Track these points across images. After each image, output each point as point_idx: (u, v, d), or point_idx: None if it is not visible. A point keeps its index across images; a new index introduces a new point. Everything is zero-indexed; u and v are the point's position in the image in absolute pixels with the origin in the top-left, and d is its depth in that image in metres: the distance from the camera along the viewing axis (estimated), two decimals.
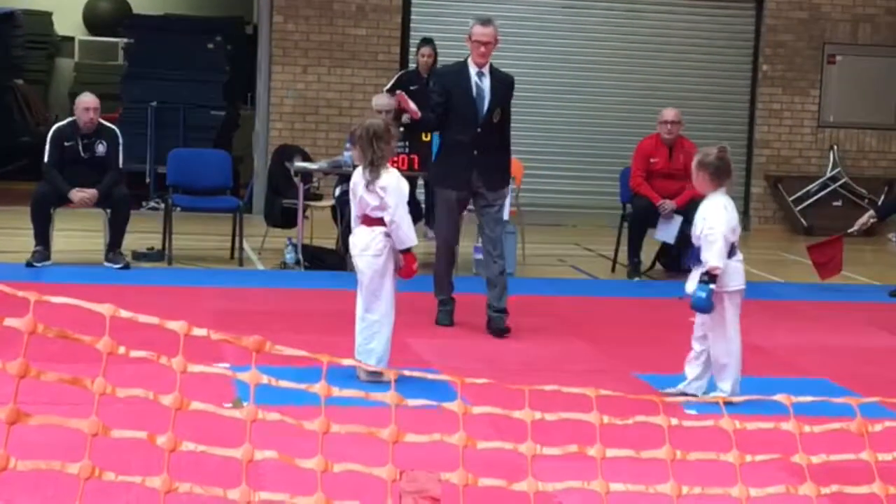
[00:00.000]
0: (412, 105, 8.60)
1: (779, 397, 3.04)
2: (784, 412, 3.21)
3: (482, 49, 8.39)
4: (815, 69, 15.95)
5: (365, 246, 6.81)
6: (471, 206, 8.73)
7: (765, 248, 13.93)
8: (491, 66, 8.53)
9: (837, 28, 15.94)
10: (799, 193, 15.67)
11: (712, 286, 6.51)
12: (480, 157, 8.36)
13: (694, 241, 6.71)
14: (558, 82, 15.37)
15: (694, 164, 6.74)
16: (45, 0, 19.95)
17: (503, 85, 8.55)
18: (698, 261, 6.61)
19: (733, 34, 16.03)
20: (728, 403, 3.54)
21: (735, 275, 6.65)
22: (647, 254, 11.46)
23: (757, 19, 15.98)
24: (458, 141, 8.44)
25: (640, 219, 11.19)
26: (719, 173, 6.69)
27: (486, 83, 8.43)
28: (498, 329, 8.31)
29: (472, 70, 8.44)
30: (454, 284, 8.68)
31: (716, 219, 6.57)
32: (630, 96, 15.72)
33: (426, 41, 13.24)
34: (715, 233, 6.53)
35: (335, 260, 10.90)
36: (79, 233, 11.52)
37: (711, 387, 6.76)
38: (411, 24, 15.34)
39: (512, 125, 8.78)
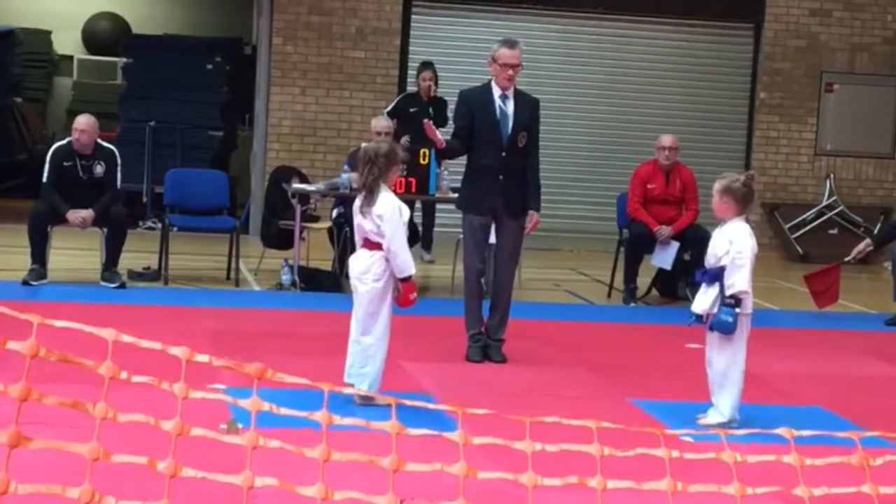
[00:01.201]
0: (438, 135, 8.41)
1: (780, 430, 3.04)
2: (783, 443, 3.21)
3: (510, 72, 8.14)
4: (812, 97, 16.01)
5: (365, 269, 6.79)
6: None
7: (760, 275, 13.86)
8: (515, 88, 8.27)
9: (835, 57, 16.01)
10: (795, 221, 15.72)
11: (738, 310, 6.54)
12: (506, 181, 8.17)
13: (710, 261, 6.70)
14: (555, 107, 15.39)
15: (718, 188, 6.71)
16: (44, 19, 19.99)
17: (528, 107, 8.30)
18: (713, 280, 6.62)
19: (731, 62, 16.10)
20: (727, 434, 3.54)
21: (747, 299, 6.69)
22: (644, 279, 11.47)
23: (755, 47, 16.05)
24: (483, 165, 8.23)
25: (637, 244, 11.21)
26: (745, 200, 6.72)
27: (510, 106, 8.20)
28: (496, 360, 8.27)
29: (496, 93, 8.22)
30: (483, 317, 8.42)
31: (743, 243, 6.60)
32: (628, 122, 15.77)
33: (426, 65, 13.29)
34: (743, 257, 6.56)
35: (331, 282, 10.91)
36: (75, 251, 11.51)
37: (708, 406, 6.78)
38: (410, 48, 15.39)
39: None
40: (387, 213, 6.72)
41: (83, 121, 10.50)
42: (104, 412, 3.10)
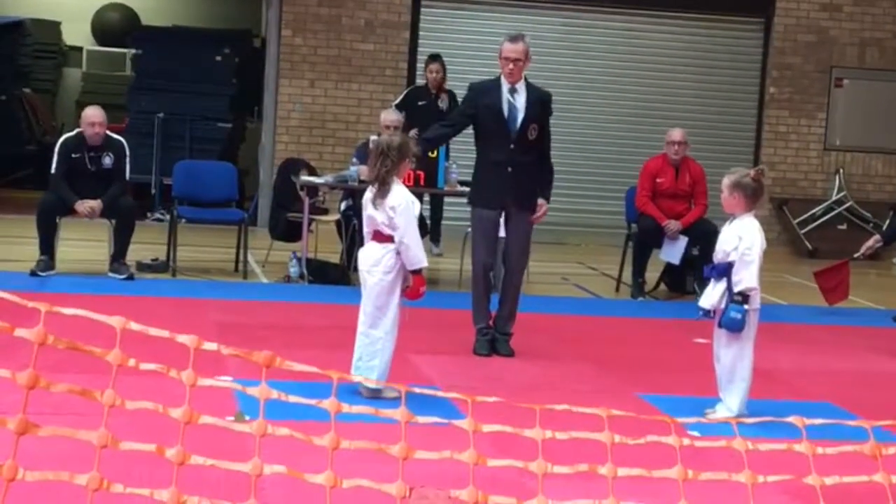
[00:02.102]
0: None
1: (792, 419, 3.03)
2: (792, 434, 3.20)
3: (510, 66, 8.14)
4: (822, 92, 15.98)
5: (375, 262, 6.77)
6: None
7: (768, 270, 13.84)
8: (527, 81, 8.27)
9: (845, 52, 15.97)
10: (804, 216, 15.69)
11: (746, 306, 6.53)
12: (515, 174, 8.14)
13: (718, 256, 6.68)
14: (563, 101, 15.35)
15: (728, 183, 6.67)
16: (53, 10, 20.00)
17: (539, 100, 8.27)
18: (721, 276, 6.61)
19: (741, 56, 16.08)
20: (738, 423, 3.52)
21: (755, 295, 6.67)
22: (652, 274, 11.45)
23: (764, 41, 16.02)
24: (491, 158, 8.22)
25: (645, 239, 11.19)
26: (756, 195, 6.69)
27: (520, 99, 8.18)
28: (503, 354, 8.27)
29: (505, 87, 8.20)
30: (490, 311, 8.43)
31: (752, 239, 6.57)
32: (637, 116, 15.76)
33: (434, 57, 13.27)
34: (752, 253, 6.54)
35: (339, 274, 10.90)
36: (83, 242, 11.51)
37: (716, 401, 6.77)
38: (419, 40, 15.38)
39: None
40: (400, 206, 6.70)
41: (96, 113, 10.49)
42: (112, 400, 3.09)
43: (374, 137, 10.61)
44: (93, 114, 10.49)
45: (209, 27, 18.38)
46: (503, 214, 8.28)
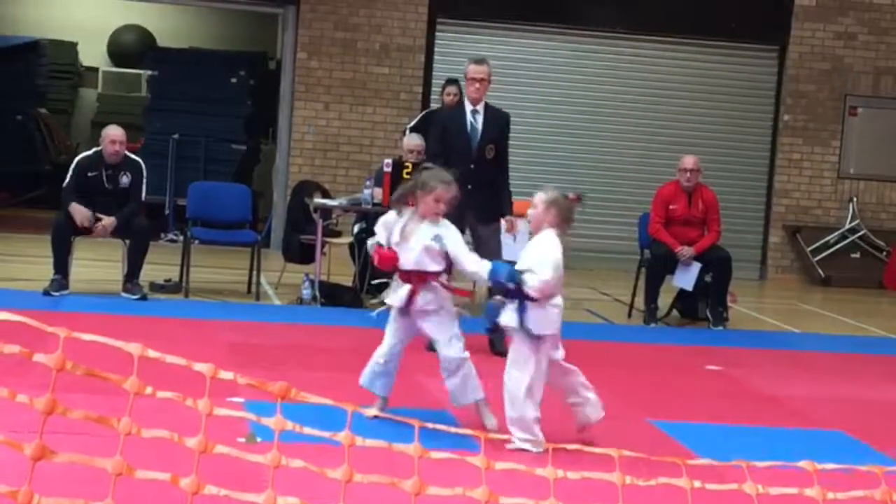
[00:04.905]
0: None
1: (803, 464, 3.04)
2: (804, 476, 3.20)
3: (476, 85, 8.84)
4: (836, 120, 15.98)
5: None
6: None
7: (781, 297, 13.93)
8: (486, 103, 8.93)
9: (859, 80, 15.98)
10: (817, 244, 15.68)
11: (510, 304, 6.13)
12: (474, 192, 8.46)
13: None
14: (576, 126, 15.44)
15: (545, 199, 6.24)
16: (70, 30, 20.11)
17: (496, 121, 8.93)
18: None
19: (755, 83, 16.09)
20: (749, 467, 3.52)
21: (543, 321, 6.23)
22: (664, 300, 11.45)
23: (779, 69, 16.04)
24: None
25: (658, 265, 11.20)
26: (569, 217, 6.33)
27: (480, 120, 8.85)
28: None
29: (468, 108, 8.90)
30: None
31: (548, 253, 6.14)
32: (650, 143, 15.77)
33: (452, 81, 13.28)
34: (545, 268, 6.08)
35: (351, 297, 10.92)
36: (97, 262, 11.55)
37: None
38: (434, 64, 15.42)
39: (530, 167, 8.93)
40: None
41: (118, 132, 10.54)
42: (128, 428, 3.11)
43: (388, 161, 10.67)
44: (115, 132, 10.54)
45: (225, 49, 18.46)
46: (467, 230, 8.53)
